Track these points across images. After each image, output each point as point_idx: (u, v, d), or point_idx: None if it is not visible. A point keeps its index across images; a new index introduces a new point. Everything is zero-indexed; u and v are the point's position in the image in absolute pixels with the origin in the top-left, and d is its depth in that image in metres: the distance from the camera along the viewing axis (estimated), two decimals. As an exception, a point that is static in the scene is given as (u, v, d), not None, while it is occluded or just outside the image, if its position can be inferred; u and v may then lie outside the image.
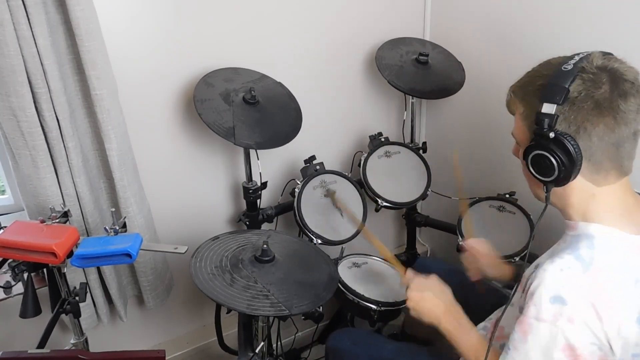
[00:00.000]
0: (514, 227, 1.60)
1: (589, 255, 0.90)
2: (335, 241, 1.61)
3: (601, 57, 0.91)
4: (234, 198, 1.83)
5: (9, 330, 1.53)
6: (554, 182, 0.94)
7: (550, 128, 0.91)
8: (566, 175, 0.92)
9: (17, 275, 1.15)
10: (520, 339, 0.92)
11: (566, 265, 0.89)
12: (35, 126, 1.27)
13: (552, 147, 0.91)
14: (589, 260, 0.89)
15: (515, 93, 1.00)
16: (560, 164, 0.91)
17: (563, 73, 0.90)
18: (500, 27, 1.74)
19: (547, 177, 0.94)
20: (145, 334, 1.84)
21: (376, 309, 1.45)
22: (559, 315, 0.88)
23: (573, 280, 0.88)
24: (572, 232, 0.98)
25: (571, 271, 0.89)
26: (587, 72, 0.89)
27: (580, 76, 0.89)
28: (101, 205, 1.50)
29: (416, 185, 1.79)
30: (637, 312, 0.89)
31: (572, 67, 0.90)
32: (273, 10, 1.67)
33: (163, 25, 1.51)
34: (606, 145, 0.90)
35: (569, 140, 0.90)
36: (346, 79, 1.93)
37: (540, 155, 0.93)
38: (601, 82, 0.89)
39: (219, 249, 1.25)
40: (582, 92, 0.89)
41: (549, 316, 0.89)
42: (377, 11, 1.89)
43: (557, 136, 0.90)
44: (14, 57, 1.19)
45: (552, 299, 0.88)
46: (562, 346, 0.88)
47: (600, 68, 0.90)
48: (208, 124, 1.42)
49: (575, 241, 0.94)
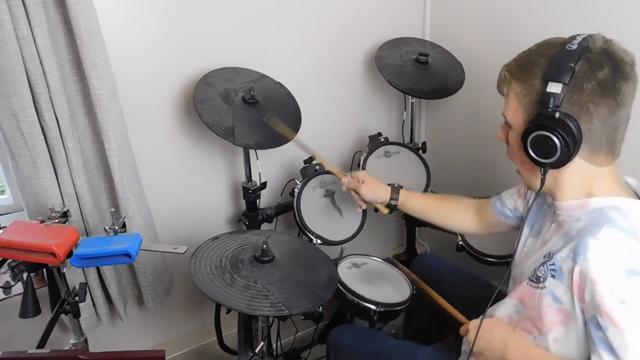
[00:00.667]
0: (514, 227, 1.60)
1: (629, 224, 0.88)
2: (335, 241, 1.61)
3: (602, 39, 0.91)
4: (234, 198, 1.83)
5: (9, 330, 1.53)
6: (553, 164, 0.93)
7: (556, 108, 0.89)
8: (567, 157, 0.91)
9: (17, 275, 1.15)
10: (619, 333, 0.84)
11: (617, 238, 0.86)
12: (35, 126, 1.27)
13: (555, 128, 0.89)
14: (631, 230, 0.87)
15: (511, 72, 0.98)
16: (564, 145, 0.89)
17: (568, 52, 0.89)
18: (500, 27, 1.73)
19: (547, 159, 0.93)
20: (145, 334, 1.84)
21: (376, 310, 1.45)
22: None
23: (633, 250, 0.86)
24: (582, 210, 0.95)
25: (625, 242, 0.86)
26: (592, 52, 0.89)
27: (585, 56, 0.88)
28: (101, 205, 1.50)
29: (416, 185, 1.79)
30: None
31: (576, 46, 0.89)
32: (273, 10, 1.67)
33: (163, 25, 1.51)
34: (606, 128, 0.90)
35: (572, 121, 0.89)
36: (346, 79, 1.93)
37: (542, 136, 0.91)
38: (604, 64, 0.88)
39: (218, 249, 1.25)
40: (587, 72, 0.88)
41: (631, 293, 0.83)
42: (377, 11, 1.89)
43: (561, 116, 0.89)
44: (14, 57, 1.19)
45: (627, 274, 0.84)
46: None
47: (602, 50, 0.89)
48: (208, 124, 1.42)
49: (599, 215, 0.92)
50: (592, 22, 1.45)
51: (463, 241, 1.63)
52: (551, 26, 1.57)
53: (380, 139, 1.82)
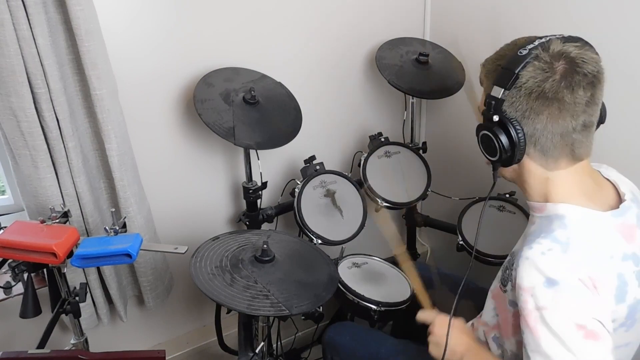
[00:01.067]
0: (514, 227, 1.60)
1: (564, 235, 0.90)
2: (335, 241, 1.61)
3: (560, 43, 0.90)
4: (234, 198, 1.83)
5: (9, 330, 1.53)
6: (499, 162, 0.97)
7: (495, 111, 0.93)
8: (509, 157, 0.94)
9: (17, 276, 1.16)
10: (532, 338, 0.88)
11: (546, 248, 0.89)
12: (35, 126, 1.27)
13: (495, 129, 0.93)
14: (565, 241, 0.89)
15: (483, 67, 1.02)
16: (502, 147, 0.93)
17: (517, 58, 0.91)
18: (501, 27, 1.73)
19: (492, 157, 0.97)
20: (145, 334, 1.84)
21: (376, 309, 1.45)
22: (556, 296, 0.86)
23: (557, 261, 0.88)
24: (540, 214, 0.98)
25: (552, 253, 0.88)
26: (539, 59, 0.89)
27: (532, 63, 0.89)
28: (101, 205, 1.50)
29: (416, 185, 1.79)
30: (614, 287, 0.90)
31: (527, 52, 0.90)
32: (273, 10, 1.67)
33: (163, 25, 1.51)
34: (550, 134, 0.92)
35: (514, 125, 0.92)
36: (346, 79, 1.93)
37: (485, 135, 0.96)
38: (553, 71, 0.88)
39: (219, 249, 1.25)
40: (531, 79, 0.89)
41: (547, 301, 0.86)
42: (377, 11, 1.89)
43: (502, 119, 0.92)
44: (14, 57, 1.19)
45: (545, 284, 0.86)
46: (573, 326, 0.85)
47: (555, 55, 0.89)
48: (208, 124, 1.42)
49: (546, 223, 0.94)
50: (591, 22, 1.45)
51: (463, 241, 1.63)
52: (551, 26, 1.57)
53: (380, 139, 1.82)
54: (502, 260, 1.52)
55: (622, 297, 0.90)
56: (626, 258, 0.92)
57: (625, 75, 1.37)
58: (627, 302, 0.91)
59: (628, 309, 0.92)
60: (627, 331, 0.95)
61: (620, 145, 1.41)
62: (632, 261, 0.92)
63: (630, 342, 0.99)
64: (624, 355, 1.01)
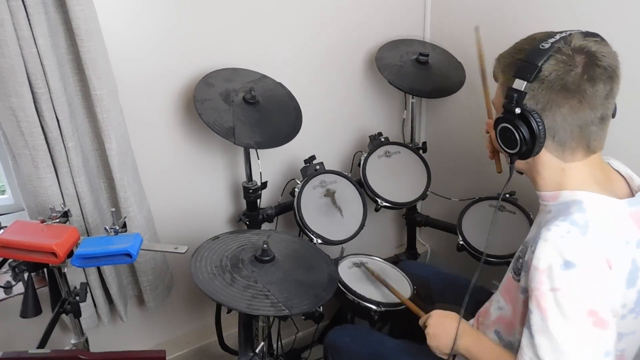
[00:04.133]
0: (514, 227, 1.60)
1: (583, 218, 0.91)
2: (335, 241, 1.61)
3: (581, 38, 0.92)
4: (234, 198, 1.83)
5: (9, 330, 1.53)
6: (517, 155, 0.97)
7: (517, 103, 0.93)
8: (528, 150, 0.95)
9: (18, 275, 1.15)
10: (540, 318, 0.89)
11: (565, 231, 0.89)
12: (35, 126, 1.27)
13: (516, 122, 0.94)
14: (584, 224, 0.90)
15: (498, 62, 1.02)
16: (523, 139, 0.94)
17: (539, 51, 0.92)
18: (501, 27, 1.73)
19: (512, 149, 0.97)
20: (146, 334, 1.84)
21: (376, 310, 1.45)
22: (572, 279, 0.86)
23: (576, 244, 0.88)
24: (554, 202, 0.99)
25: (571, 235, 0.89)
26: (562, 52, 0.91)
27: (554, 56, 0.91)
28: (101, 205, 1.50)
29: (416, 185, 1.79)
30: (627, 271, 0.91)
31: (549, 45, 0.92)
32: (273, 10, 1.67)
33: (163, 25, 1.51)
34: (569, 126, 0.93)
35: (535, 117, 0.93)
36: (346, 79, 1.93)
37: (505, 127, 0.97)
38: (574, 64, 0.90)
39: (219, 248, 1.25)
40: (553, 72, 0.91)
41: (563, 283, 0.87)
42: (377, 11, 1.89)
43: (523, 112, 0.93)
44: (14, 57, 1.19)
45: (563, 266, 0.87)
46: (585, 312, 0.86)
47: (577, 49, 0.91)
48: (208, 124, 1.42)
49: (563, 208, 0.95)
50: (592, 22, 1.45)
51: (463, 241, 1.63)
52: (552, 26, 1.56)
53: (380, 138, 1.83)
54: (502, 260, 1.53)
55: (633, 281, 0.92)
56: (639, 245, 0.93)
57: (626, 74, 1.38)
58: (637, 287, 0.93)
59: (637, 294, 0.93)
60: (635, 318, 0.96)
61: (621, 141, 1.42)
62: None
63: (637, 330, 0.99)
64: (630, 344, 1.01)
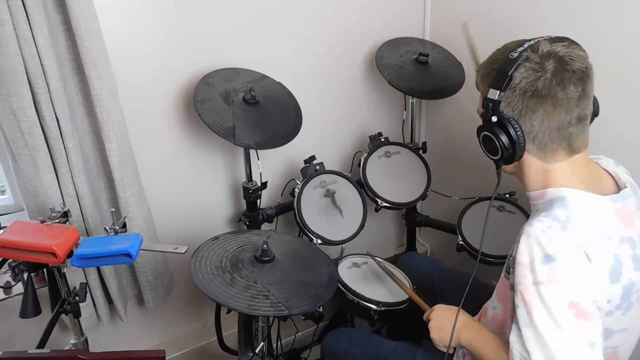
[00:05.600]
0: (514, 227, 1.59)
1: (564, 214, 0.93)
2: (335, 241, 1.61)
3: (548, 44, 0.95)
4: (234, 198, 1.83)
5: (9, 330, 1.53)
6: (501, 160, 1.01)
7: (493, 112, 0.97)
8: (511, 155, 0.99)
9: (17, 275, 1.16)
10: (525, 312, 0.91)
11: (546, 226, 0.91)
12: (35, 126, 1.27)
13: (495, 130, 0.98)
14: (565, 219, 0.92)
15: (478, 73, 1.07)
16: (503, 146, 0.98)
17: (509, 61, 0.95)
18: (501, 27, 1.73)
19: (495, 156, 1.01)
20: (145, 334, 1.84)
21: (376, 309, 1.45)
22: (553, 272, 0.88)
23: (556, 238, 0.90)
24: (541, 200, 1.01)
25: (552, 230, 0.91)
26: (530, 60, 0.94)
27: (524, 65, 0.94)
28: (101, 205, 1.50)
29: (416, 185, 1.79)
30: (609, 267, 0.92)
31: (517, 54, 0.95)
32: (273, 10, 1.67)
33: (163, 25, 1.51)
34: (547, 129, 0.96)
35: (512, 124, 0.96)
36: (346, 79, 1.93)
37: (486, 136, 1.00)
38: (544, 70, 0.93)
39: (219, 249, 1.25)
40: (524, 80, 0.94)
41: (544, 276, 0.89)
42: (377, 11, 1.89)
43: (500, 119, 0.97)
44: (14, 57, 1.19)
45: (543, 260, 0.89)
46: (566, 304, 0.88)
47: (545, 55, 0.94)
48: (208, 124, 1.42)
49: (548, 205, 0.97)
50: (590, 22, 1.45)
51: (463, 241, 1.63)
52: (550, 26, 1.57)
53: (380, 139, 1.82)
54: (502, 260, 1.53)
55: (616, 277, 0.93)
56: (623, 241, 0.95)
57: (622, 72, 1.38)
58: (622, 283, 0.94)
59: (622, 289, 0.94)
60: (624, 315, 0.97)
61: (614, 138, 1.42)
62: (629, 244, 0.96)
63: (628, 327, 1.00)
64: (624, 342, 1.02)
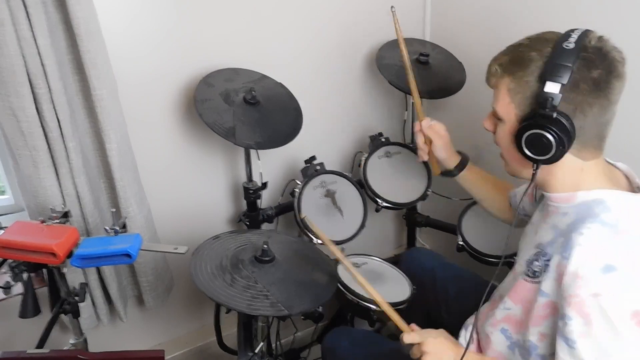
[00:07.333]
0: (514, 227, 1.60)
1: (611, 217, 0.89)
2: (336, 241, 1.61)
3: (596, 38, 0.92)
4: (234, 198, 1.83)
5: (9, 330, 1.53)
6: (546, 160, 0.94)
7: (554, 108, 0.90)
8: (560, 154, 0.92)
9: (17, 276, 1.15)
10: (583, 323, 0.87)
11: (597, 233, 0.88)
12: (36, 126, 1.27)
13: (552, 127, 0.90)
14: (614, 223, 0.89)
15: (503, 67, 0.99)
16: (558, 144, 0.91)
17: (566, 51, 0.90)
18: (501, 27, 1.73)
19: (542, 155, 0.94)
20: (145, 334, 1.84)
21: (376, 309, 1.45)
22: (614, 283, 0.85)
23: (612, 245, 0.87)
24: (569, 204, 0.97)
25: (606, 237, 0.88)
26: (587, 51, 0.90)
27: (582, 55, 0.89)
28: (101, 205, 1.50)
29: (416, 185, 1.79)
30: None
31: (573, 45, 0.90)
32: (273, 10, 1.67)
33: (163, 25, 1.51)
34: (597, 124, 0.93)
35: (567, 120, 0.90)
36: (346, 79, 1.93)
37: (537, 134, 0.92)
38: (598, 63, 0.89)
39: (219, 249, 1.25)
40: (583, 72, 0.89)
41: (605, 288, 0.85)
42: (377, 11, 1.89)
43: (558, 116, 0.90)
44: (14, 57, 1.19)
45: (603, 270, 0.85)
46: (629, 314, 0.85)
47: (598, 48, 0.91)
48: (208, 124, 1.42)
49: (585, 209, 0.93)
50: (591, 22, 1.45)
51: (463, 241, 1.63)
52: (551, 26, 1.56)
53: (381, 139, 1.82)
54: (504, 260, 1.53)
55: None
56: None
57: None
58: None
59: None
60: None
61: (614, 138, 1.42)
62: None
63: None
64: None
